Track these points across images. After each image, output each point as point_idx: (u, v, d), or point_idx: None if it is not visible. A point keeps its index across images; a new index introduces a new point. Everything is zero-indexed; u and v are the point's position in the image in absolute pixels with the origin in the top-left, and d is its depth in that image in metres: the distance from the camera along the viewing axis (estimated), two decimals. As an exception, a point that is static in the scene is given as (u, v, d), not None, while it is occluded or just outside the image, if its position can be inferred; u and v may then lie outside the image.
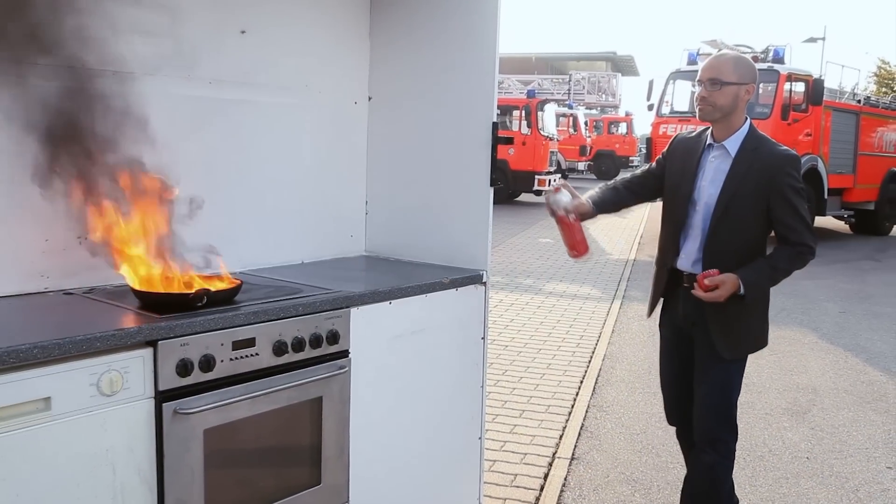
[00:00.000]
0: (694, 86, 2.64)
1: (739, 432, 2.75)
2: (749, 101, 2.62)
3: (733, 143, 2.58)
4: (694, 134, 2.77)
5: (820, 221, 13.54)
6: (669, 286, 2.76)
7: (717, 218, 2.57)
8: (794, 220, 2.52)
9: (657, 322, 2.91)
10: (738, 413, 2.72)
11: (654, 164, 2.89)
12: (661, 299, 2.84)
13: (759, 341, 2.70)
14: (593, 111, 31.72)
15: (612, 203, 2.86)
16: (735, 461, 2.74)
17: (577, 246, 2.76)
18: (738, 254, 2.56)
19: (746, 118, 2.62)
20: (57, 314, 2.04)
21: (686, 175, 2.66)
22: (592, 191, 2.92)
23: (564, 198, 2.73)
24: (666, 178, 2.78)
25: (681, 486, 2.85)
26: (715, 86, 2.52)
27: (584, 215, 2.77)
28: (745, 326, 2.64)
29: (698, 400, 2.69)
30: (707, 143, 2.65)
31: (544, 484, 3.52)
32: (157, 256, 2.20)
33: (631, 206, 2.95)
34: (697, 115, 2.63)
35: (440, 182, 2.92)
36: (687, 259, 2.67)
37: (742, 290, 2.50)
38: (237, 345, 2.03)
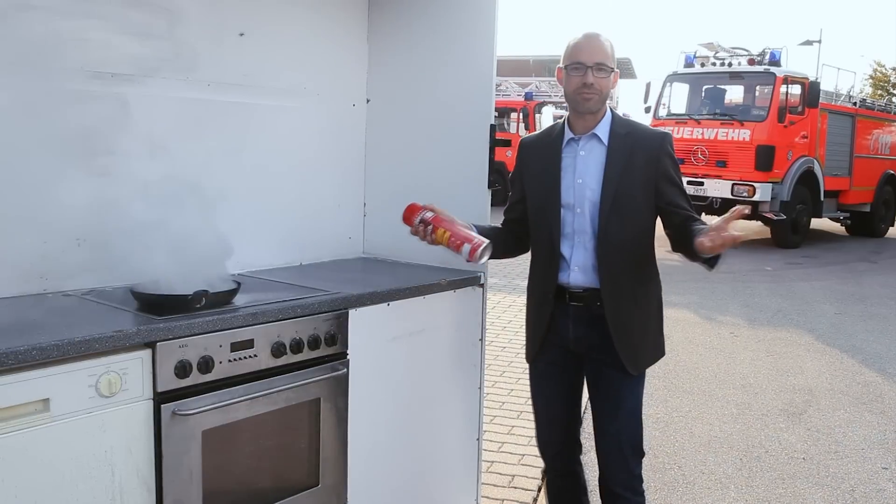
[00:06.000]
0: (569, 70, 2.24)
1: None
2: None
3: (603, 131, 2.27)
4: (540, 134, 2.47)
5: (816, 223, 13.56)
6: (555, 310, 2.35)
7: (605, 215, 2.23)
8: (683, 200, 2.29)
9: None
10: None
11: (511, 188, 2.52)
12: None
13: (659, 352, 2.45)
14: (590, 113, 31.73)
15: (498, 242, 2.36)
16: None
17: (469, 239, 2.24)
18: (627, 249, 2.27)
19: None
20: (56, 316, 2.04)
21: (550, 179, 2.31)
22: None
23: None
24: (526, 189, 2.42)
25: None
26: (603, 71, 2.21)
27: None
28: (645, 336, 2.36)
29: (610, 438, 2.40)
30: (568, 138, 2.32)
31: (542, 485, 3.52)
32: None
33: (516, 253, 2.53)
34: (581, 105, 2.25)
35: (438, 184, 2.92)
36: (581, 272, 2.29)
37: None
38: (236, 346, 2.04)
